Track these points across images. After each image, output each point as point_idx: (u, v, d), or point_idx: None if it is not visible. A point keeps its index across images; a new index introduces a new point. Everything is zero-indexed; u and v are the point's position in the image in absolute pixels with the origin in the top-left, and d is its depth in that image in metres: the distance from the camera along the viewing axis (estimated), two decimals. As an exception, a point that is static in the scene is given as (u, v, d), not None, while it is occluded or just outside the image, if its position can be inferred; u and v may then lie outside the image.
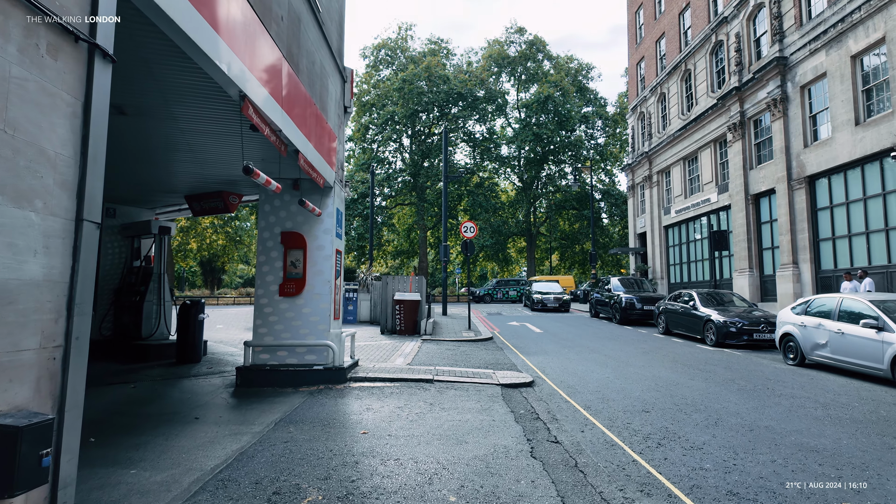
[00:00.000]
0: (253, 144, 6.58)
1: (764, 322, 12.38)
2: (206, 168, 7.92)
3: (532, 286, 26.60)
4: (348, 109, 9.35)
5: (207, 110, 5.56)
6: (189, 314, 9.29)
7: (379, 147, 45.47)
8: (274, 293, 8.10)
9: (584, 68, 49.73)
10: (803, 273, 16.55)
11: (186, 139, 6.48)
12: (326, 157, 7.61)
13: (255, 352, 8.06)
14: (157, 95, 5.13)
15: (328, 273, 8.11)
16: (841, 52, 15.05)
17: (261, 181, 4.93)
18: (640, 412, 6.34)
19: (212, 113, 5.64)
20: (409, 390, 7.38)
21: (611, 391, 7.55)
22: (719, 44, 22.10)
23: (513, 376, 8.36)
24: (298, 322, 8.03)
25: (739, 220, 19.94)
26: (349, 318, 18.90)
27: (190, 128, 6.09)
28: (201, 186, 9.18)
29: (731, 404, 6.73)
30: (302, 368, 7.78)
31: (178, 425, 5.67)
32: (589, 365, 9.87)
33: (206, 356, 10.21)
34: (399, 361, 9.66)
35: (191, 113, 5.65)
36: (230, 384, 7.88)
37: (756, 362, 10.28)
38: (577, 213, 48.11)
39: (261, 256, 8.21)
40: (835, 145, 15.23)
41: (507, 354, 11.26)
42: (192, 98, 5.21)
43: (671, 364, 10.04)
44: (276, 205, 8.28)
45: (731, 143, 20.56)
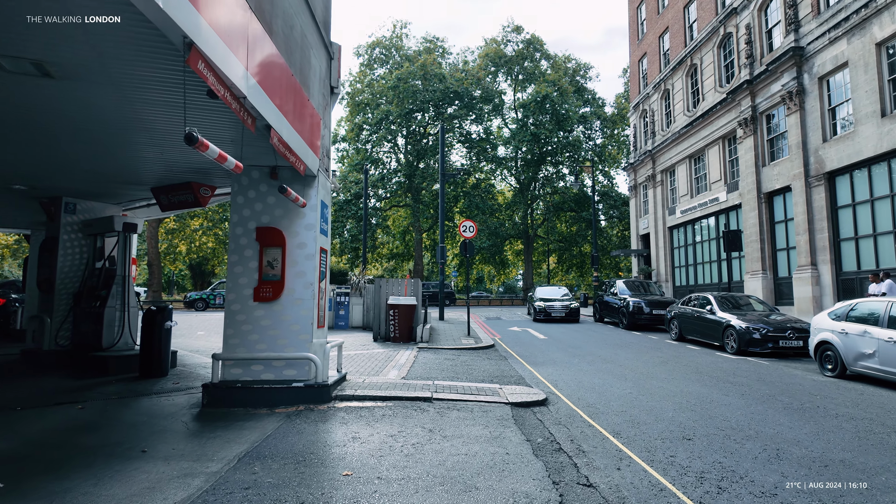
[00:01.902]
0: (217, 120, 5.52)
1: (791, 328, 11.37)
2: (169, 153, 6.83)
3: (535, 292, 23.38)
4: (336, 90, 8.29)
5: (156, 71, 4.48)
6: (154, 322, 8.18)
7: (373, 147, 44.36)
8: (247, 298, 7.01)
9: (582, 68, 48.92)
10: (823, 275, 15.59)
11: (137, 112, 5.40)
12: (308, 141, 6.54)
13: (226, 366, 6.96)
14: (85, 48, 4.05)
15: (311, 275, 7.03)
16: (864, 40, 14.13)
17: (211, 155, 3.86)
18: (680, 440, 5.29)
19: (162, 75, 4.56)
20: (404, 412, 6.30)
21: (639, 411, 6.49)
22: (728, 36, 21.20)
23: (522, 392, 7.30)
24: (276, 331, 6.94)
25: (751, 219, 18.99)
26: (340, 323, 17.80)
27: (138, 97, 5.00)
28: (168, 176, 8.09)
29: (785, 428, 5.69)
30: (279, 386, 6.69)
31: (119, 462, 4.57)
32: (605, 378, 8.82)
33: (175, 369, 9.09)
34: (393, 374, 8.58)
35: (136, 75, 4.57)
36: (195, 404, 6.77)
37: (789, 374, 9.27)
38: (575, 215, 47.17)
39: (233, 256, 7.12)
40: (858, 139, 14.29)
41: (511, 365, 10.20)
42: (131, 51, 4.14)
43: (696, 376, 9.01)
44: (250, 196, 7.20)
45: (741, 139, 19.63)
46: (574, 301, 21.59)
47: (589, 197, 46.22)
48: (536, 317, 20.90)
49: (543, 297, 21.99)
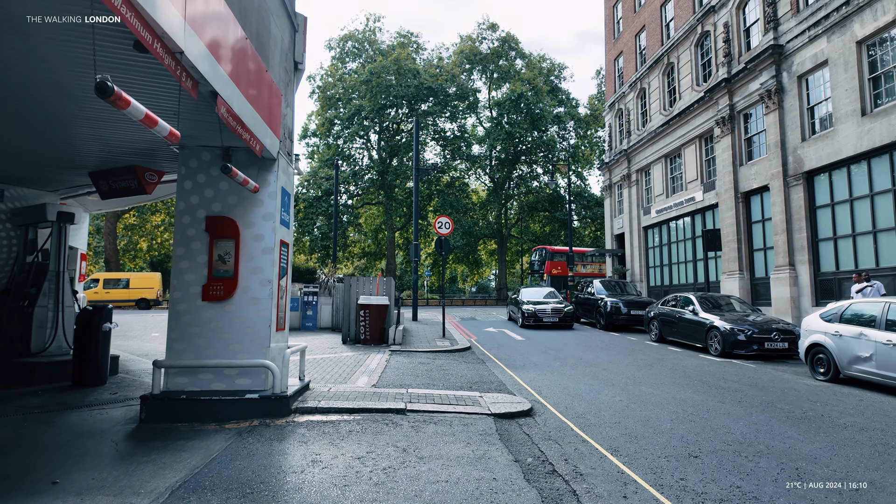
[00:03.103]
0: (151, 85, 4.67)
1: (776, 330, 11.03)
2: (105, 129, 5.90)
3: (520, 294, 19.88)
4: (300, 66, 7.47)
5: (66, 12, 3.61)
6: (90, 323, 7.21)
7: (345, 143, 43.23)
8: (195, 297, 6.14)
9: (557, 68, 48.78)
10: (801, 275, 15.43)
11: (56, 74, 4.50)
12: (266, 118, 5.73)
13: (170, 374, 6.08)
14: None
15: (268, 271, 6.21)
16: (845, 38, 13.98)
17: (134, 115, 3.06)
18: (687, 458, 4.69)
19: (80, 24, 3.69)
20: (373, 426, 5.54)
21: (634, 422, 5.89)
22: (705, 35, 21.05)
23: (505, 401, 6.63)
24: (228, 335, 6.09)
25: (728, 219, 18.82)
26: (308, 324, 16.87)
27: (54, 52, 4.12)
28: (107, 159, 7.12)
29: (796, 442, 5.16)
30: (231, 397, 5.85)
31: (19, 498, 3.70)
32: (591, 383, 8.22)
33: (117, 376, 8.11)
34: (362, 382, 7.80)
35: (48, 20, 3.70)
36: (133, 418, 5.88)
37: (780, 377, 8.85)
38: (548, 216, 46.98)
39: (178, 248, 6.24)
40: (838, 138, 14.14)
41: (490, 369, 9.53)
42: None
43: (684, 380, 8.51)
44: (199, 181, 6.33)
45: (718, 138, 19.46)
46: (566, 304, 18.71)
47: (562, 197, 46.13)
48: (525, 322, 17.73)
49: (531, 299, 18.94)
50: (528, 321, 17.66)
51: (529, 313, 17.72)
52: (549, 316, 17.64)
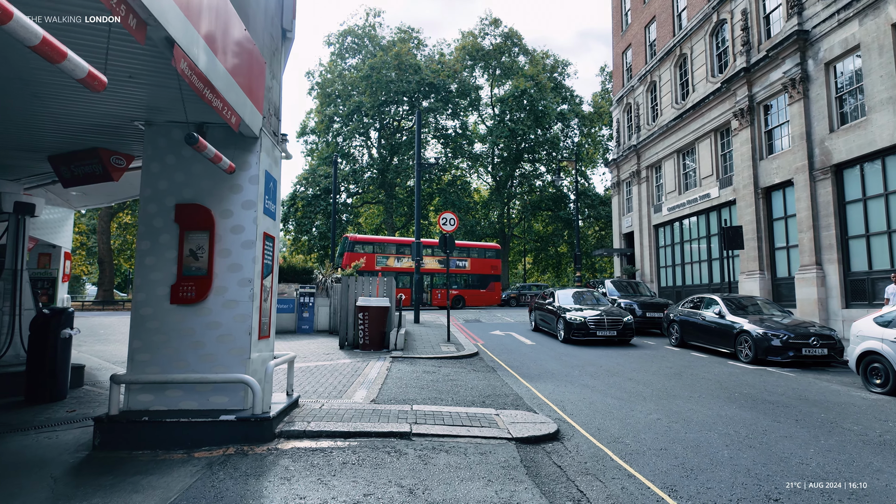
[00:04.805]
0: (86, 31, 3.70)
1: (815, 335, 10.07)
2: (60, 103, 4.96)
3: (556, 298, 15.33)
4: (289, 34, 6.52)
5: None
6: (47, 329, 6.26)
7: (344, 141, 42.25)
8: (162, 299, 5.19)
9: (560, 65, 47.81)
10: (829, 275, 14.47)
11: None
12: (246, 86, 4.78)
13: (132, 391, 5.13)
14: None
15: (249, 268, 5.26)
16: (879, 21, 13.02)
17: (25, 39, 2.11)
18: (766, 503, 3.73)
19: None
20: (373, 456, 4.59)
21: (683, 449, 4.94)
22: (721, 23, 20.10)
23: (526, 421, 5.68)
24: (201, 344, 5.14)
25: (747, 216, 17.85)
26: (304, 326, 15.91)
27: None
28: (67, 140, 6.17)
29: (893, 478, 4.21)
30: (203, 419, 4.89)
31: None
32: (619, 396, 7.27)
33: (81, 388, 7.15)
34: (360, 395, 6.84)
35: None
36: (87, 444, 4.93)
37: (828, 389, 7.89)
38: (552, 215, 45.98)
39: (143, 242, 5.29)
40: (871, 128, 13.18)
41: (503, 379, 8.58)
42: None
43: (722, 392, 7.56)
44: (168, 163, 5.38)
45: (736, 131, 18.50)
46: (622, 311, 14.29)
47: (565, 196, 45.22)
48: (569, 335, 13.22)
49: (571, 304, 14.67)
50: (576, 334, 13.19)
51: (577, 324, 13.23)
52: (606, 328, 13.14)
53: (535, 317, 16.65)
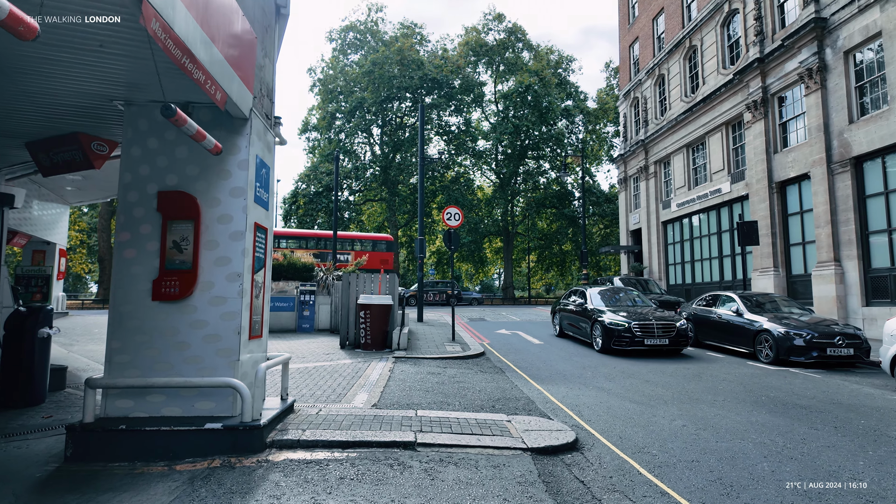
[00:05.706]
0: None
1: (840, 334, 9.57)
2: (31, 79, 4.50)
3: (589, 298, 12.71)
4: (283, 10, 6.05)
5: None
6: (22, 329, 5.82)
7: (347, 138, 41.78)
8: (143, 295, 4.74)
9: (565, 60, 47.18)
10: (848, 272, 13.94)
11: None
12: (234, 61, 4.31)
13: (109, 396, 4.68)
14: None
15: (238, 262, 4.79)
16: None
17: None
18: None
19: None
20: (373, 470, 4.12)
21: (717, 461, 4.46)
22: (733, 13, 19.54)
23: (541, 428, 5.20)
24: (185, 344, 4.69)
25: (761, 211, 17.31)
26: (305, 325, 15.47)
27: None
28: (44, 124, 5.72)
29: (959, 496, 3.73)
30: (187, 427, 4.44)
31: None
32: (638, 400, 6.78)
33: (62, 392, 6.70)
34: (360, 399, 6.38)
35: None
36: (59, 455, 4.48)
37: (861, 392, 7.40)
38: (556, 213, 45.39)
39: (122, 233, 4.83)
40: (894, 118, 12.64)
41: (512, 381, 8.10)
42: None
43: (748, 395, 7.06)
44: (150, 147, 4.92)
45: (749, 124, 17.96)
46: (675, 315, 11.91)
47: (570, 193, 44.62)
48: (611, 344, 10.80)
49: (605, 305, 12.21)
50: (618, 343, 10.75)
51: (620, 329, 10.80)
52: (655, 336, 10.66)
53: (560, 320, 14.26)
